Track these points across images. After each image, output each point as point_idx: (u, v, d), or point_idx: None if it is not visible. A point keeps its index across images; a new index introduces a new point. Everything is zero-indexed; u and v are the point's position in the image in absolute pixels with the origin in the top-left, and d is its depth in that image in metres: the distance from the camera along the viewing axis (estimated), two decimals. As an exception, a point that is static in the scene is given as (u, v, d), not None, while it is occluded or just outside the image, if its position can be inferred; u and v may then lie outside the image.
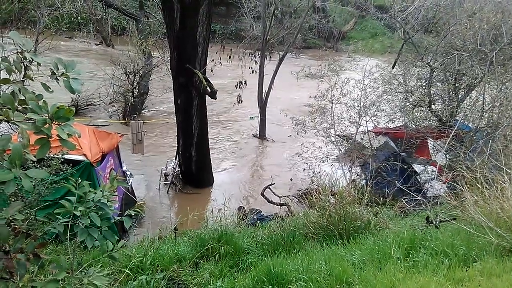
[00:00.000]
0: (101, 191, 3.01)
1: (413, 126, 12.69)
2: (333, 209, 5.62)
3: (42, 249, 7.01)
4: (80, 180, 8.76)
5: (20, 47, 2.15)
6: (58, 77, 2.41)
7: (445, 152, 11.12)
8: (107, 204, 2.98)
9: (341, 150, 13.33)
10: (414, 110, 12.67)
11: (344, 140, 13.61)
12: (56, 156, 6.90)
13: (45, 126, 1.94)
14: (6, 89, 2.86)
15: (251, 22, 20.01)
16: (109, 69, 17.22)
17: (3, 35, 11.74)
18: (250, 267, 5.14)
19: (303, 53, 29.31)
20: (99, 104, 16.78)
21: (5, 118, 1.98)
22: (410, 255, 4.33)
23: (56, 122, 1.97)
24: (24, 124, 1.97)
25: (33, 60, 2.20)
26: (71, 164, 7.95)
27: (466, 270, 3.90)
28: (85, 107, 16.48)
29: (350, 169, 12.80)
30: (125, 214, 2.99)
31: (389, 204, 9.06)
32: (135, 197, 11.02)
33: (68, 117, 2.00)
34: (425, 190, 10.66)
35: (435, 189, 10.77)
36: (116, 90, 16.92)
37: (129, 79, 16.87)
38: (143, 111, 17.25)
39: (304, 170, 13.32)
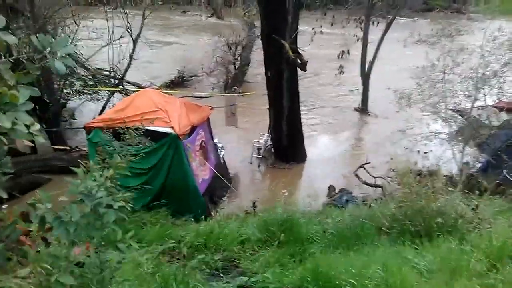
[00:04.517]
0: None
1: (547, 100, 10.52)
2: (409, 199, 4.82)
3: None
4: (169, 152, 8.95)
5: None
6: (47, 55, 2.26)
7: None
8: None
9: (452, 128, 11.72)
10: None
11: (459, 115, 11.95)
12: (139, 127, 7.14)
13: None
14: None
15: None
16: (213, 41, 17.67)
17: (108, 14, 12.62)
18: (312, 257, 4.72)
19: (423, 16, 26.38)
20: (202, 75, 17.35)
21: None
22: (495, 269, 3.46)
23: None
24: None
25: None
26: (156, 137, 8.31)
27: None
28: (190, 78, 17.19)
29: (462, 150, 11.22)
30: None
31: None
32: (227, 170, 11.19)
33: (15, 103, 1.81)
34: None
35: None
36: (219, 61, 17.27)
37: (231, 51, 17.07)
38: (244, 82, 17.38)
39: (406, 149, 12.09)
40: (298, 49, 10.24)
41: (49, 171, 10.62)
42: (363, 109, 15.37)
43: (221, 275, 4.84)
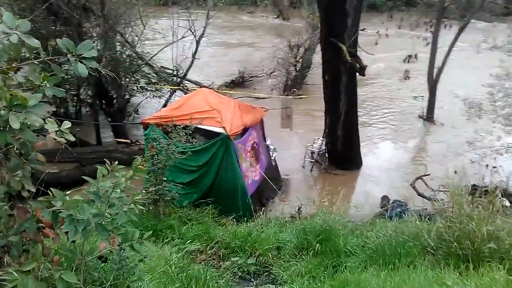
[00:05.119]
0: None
1: None
2: (458, 220, 4.40)
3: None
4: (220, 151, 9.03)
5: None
6: (70, 59, 2.34)
7: None
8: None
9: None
10: None
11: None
12: (187, 125, 7.28)
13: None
14: None
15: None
16: (276, 42, 17.67)
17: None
18: (343, 273, 4.50)
19: (503, 20, 24.33)
20: (262, 76, 17.41)
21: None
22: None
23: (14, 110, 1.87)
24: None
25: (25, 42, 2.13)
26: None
27: None
28: (250, 79, 17.32)
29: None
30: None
31: None
32: (279, 172, 11.09)
33: (25, 105, 1.88)
34: None
35: None
36: (280, 63, 17.23)
37: (292, 53, 16.95)
38: (303, 85, 17.15)
39: (473, 162, 11.27)
40: (358, 53, 9.89)
41: (111, 162, 11.18)
42: (428, 117, 14.49)
43: (252, 279, 4.80)
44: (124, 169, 2.73)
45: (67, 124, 2.57)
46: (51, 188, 2.34)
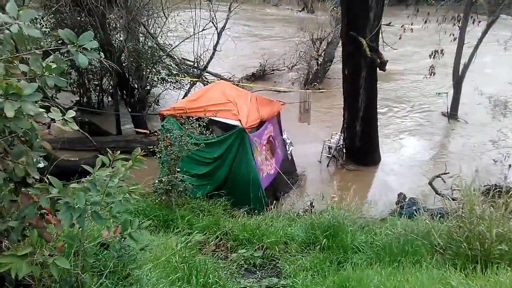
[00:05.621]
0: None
1: None
2: (469, 220, 4.29)
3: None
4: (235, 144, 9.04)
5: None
6: (70, 49, 2.39)
7: None
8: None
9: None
10: None
11: None
12: (200, 117, 7.30)
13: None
14: None
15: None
16: (299, 35, 17.50)
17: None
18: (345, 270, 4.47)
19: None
20: (283, 70, 17.30)
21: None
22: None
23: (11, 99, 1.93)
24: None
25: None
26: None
27: None
28: (271, 72, 17.24)
29: None
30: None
31: None
32: (295, 166, 11.05)
33: (20, 94, 1.94)
34: None
35: None
36: (302, 56, 17.09)
37: (315, 46, 16.77)
38: (324, 79, 16.97)
39: (496, 161, 10.95)
40: (380, 47, 9.69)
41: (130, 151, 11.41)
42: (452, 114, 14.13)
43: (257, 272, 4.82)
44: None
45: (71, 113, 2.64)
46: (48, 176, 2.39)
